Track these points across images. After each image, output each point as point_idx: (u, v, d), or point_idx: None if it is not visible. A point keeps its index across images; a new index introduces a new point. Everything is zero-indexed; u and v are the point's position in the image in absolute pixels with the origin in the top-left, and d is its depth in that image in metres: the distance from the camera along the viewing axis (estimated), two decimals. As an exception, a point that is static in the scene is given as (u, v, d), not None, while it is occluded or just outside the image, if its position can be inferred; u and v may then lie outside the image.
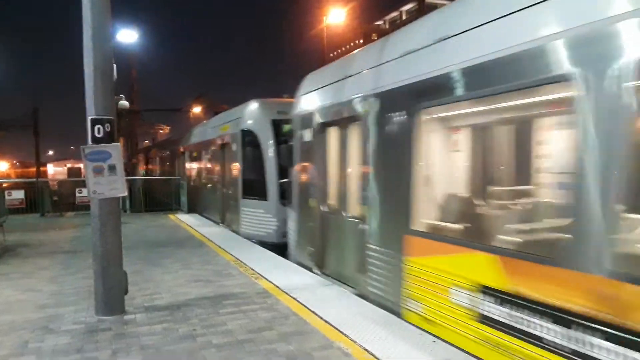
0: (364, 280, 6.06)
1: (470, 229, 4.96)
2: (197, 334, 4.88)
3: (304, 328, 5.03)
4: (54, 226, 13.48)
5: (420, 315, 4.96)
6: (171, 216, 15.83)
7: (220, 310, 5.64)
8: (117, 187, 5.28)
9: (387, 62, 5.82)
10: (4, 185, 18.31)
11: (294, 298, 6.07)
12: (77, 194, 16.04)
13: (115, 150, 5.33)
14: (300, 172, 8.22)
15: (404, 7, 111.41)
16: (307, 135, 7.93)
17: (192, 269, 7.90)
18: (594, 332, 3.12)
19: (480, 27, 4.31)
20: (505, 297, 3.84)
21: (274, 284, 6.79)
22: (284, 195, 9.72)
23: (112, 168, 5.25)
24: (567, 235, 3.46)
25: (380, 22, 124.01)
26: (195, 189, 16.70)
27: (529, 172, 5.12)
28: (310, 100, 7.97)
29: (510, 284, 3.79)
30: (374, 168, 5.90)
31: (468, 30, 4.48)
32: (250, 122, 11.48)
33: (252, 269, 7.72)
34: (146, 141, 46.67)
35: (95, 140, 5.31)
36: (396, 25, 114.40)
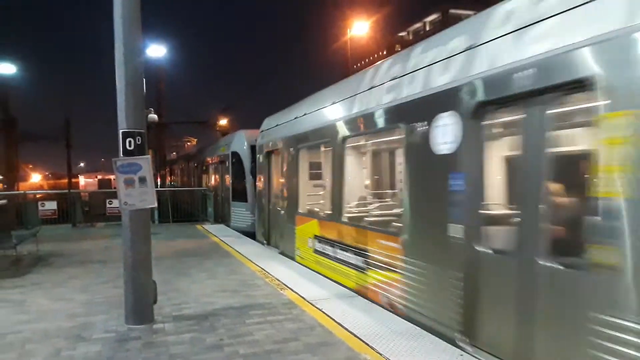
0: (282, 244, 10.38)
1: (312, 210, 9.31)
2: (224, 344, 4.94)
3: (329, 339, 5.03)
4: (85, 236, 13.80)
5: (300, 257, 9.18)
6: (198, 227, 16.04)
7: (246, 321, 5.69)
8: (147, 198, 5.41)
9: (289, 120, 10.31)
10: (38, 196, 18.87)
11: (319, 309, 6.07)
12: (108, 205, 16.40)
13: (146, 163, 5.46)
14: (258, 182, 12.70)
15: (428, 18, 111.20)
16: (262, 158, 12.11)
17: (218, 278, 7.99)
18: (343, 247, 7.31)
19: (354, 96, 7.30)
20: (321, 238, 8.20)
21: (299, 294, 6.81)
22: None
23: (142, 180, 5.39)
24: (330, 209, 7.91)
25: (403, 34, 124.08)
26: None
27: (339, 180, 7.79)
28: (264, 135, 12.17)
29: (321, 232, 8.22)
30: (285, 179, 10.23)
31: (346, 98, 7.57)
32: (236, 146, 15.61)
33: (278, 280, 7.76)
34: (174, 153, 47.51)
35: (127, 152, 5.45)
36: (419, 36, 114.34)
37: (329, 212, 8.03)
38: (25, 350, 4.85)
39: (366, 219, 7.59)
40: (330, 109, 8.12)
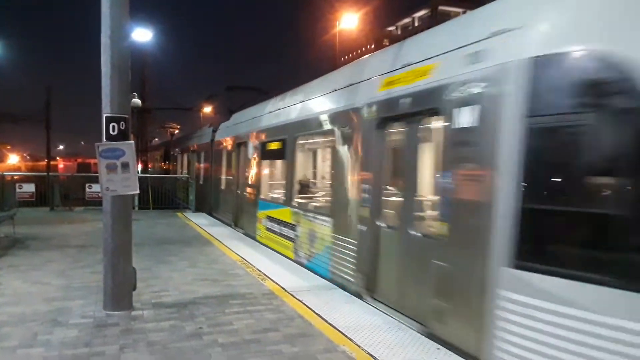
0: (248, 226, 11.68)
1: (268, 197, 10.85)
2: (204, 332, 4.94)
3: (309, 330, 5.07)
4: (64, 220, 13.60)
5: (260, 236, 10.56)
6: (179, 214, 15.93)
7: (226, 310, 5.69)
8: (130, 184, 5.35)
9: (244, 121, 12.82)
10: (15, 177, 18.51)
11: (299, 300, 6.11)
12: (87, 189, 16.17)
13: (129, 148, 5.40)
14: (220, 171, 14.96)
15: (417, 14, 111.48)
16: (232, 148, 13.71)
17: (198, 267, 7.97)
18: (286, 225, 9.05)
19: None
20: (271, 217, 9.89)
21: (280, 285, 6.84)
22: None
23: (125, 166, 5.33)
24: (284, 196, 9.43)
25: (392, 28, 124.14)
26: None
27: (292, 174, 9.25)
28: (220, 134, 15.42)
29: (271, 214, 9.94)
30: (245, 169, 12.23)
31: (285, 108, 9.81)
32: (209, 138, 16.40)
33: (259, 270, 7.77)
34: (156, 139, 46.87)
35: (110, 137, 5.38)
36: (408, 31, 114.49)
37: (278, 197, 10.13)
38: (1, 333, 4.79)
39: (305, 202, 9.10)
40: (282, 112, 9.94)
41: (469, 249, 4.23)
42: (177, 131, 37.95)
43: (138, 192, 5.53)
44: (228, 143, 14.00)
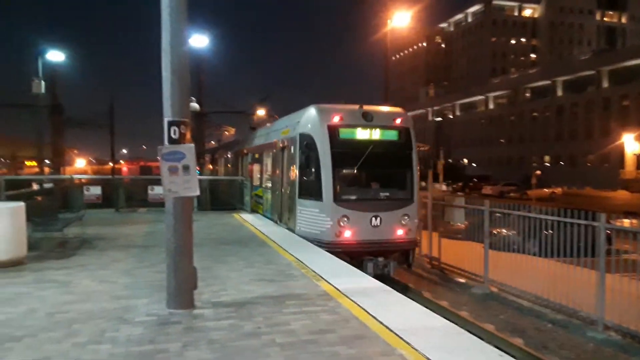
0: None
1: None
2: (262, 332, 5.01)
3: (365, 332, 5.04)
4: (128, 221, 14.24)
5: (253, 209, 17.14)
6: (235, 215, 16.30)
7: (283, 310, 5.75)
8: (190, 186, 5.52)
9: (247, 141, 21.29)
10: (83, 181, 19.55)
11: (354, 302, 6.08)
12: (149, 191, 16.82)
13: (189, 151, 5.56)
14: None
15: (470, 9, 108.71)
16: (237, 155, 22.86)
17: (255, 267, 8.11)
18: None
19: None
20: (256, 194, 17.33)
21: (334, 286, 6.83)
22: None
23: (186, 168, 5.50)
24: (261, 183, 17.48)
25: (444, 25, 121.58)
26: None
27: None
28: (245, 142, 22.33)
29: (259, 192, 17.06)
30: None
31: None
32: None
33: (314, 271, 7.81)
34: (212, 142, 48.28)
35: (171, 141, 5.56)
36: (461, 27, 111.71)
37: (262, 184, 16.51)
38: (71, 329, 5.05)
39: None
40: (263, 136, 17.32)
41: (294, 194, 11.69)
42: (232, 133, 38.84)
43: (198, 193, 5.69)
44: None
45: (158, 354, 4.45)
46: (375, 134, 11.12)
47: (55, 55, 24.21)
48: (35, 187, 20.86)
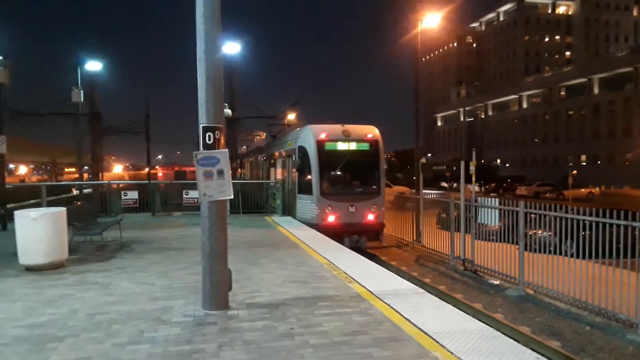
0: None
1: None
2: (295, 333, 5.07)
3: (398, 335, 5.04)
4: (164, 225, 14.56)
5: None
6: (267, 218, 16.47)
7: (315, 312, 5.81)
8: (225, 190, 5.64)
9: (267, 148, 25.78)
10: (121, 186, 20.11)
11: (387, 304, 6.08)
12: (184, 196, 17.18)
13: (224, 156, 5.69)
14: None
15: (502, 8, 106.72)
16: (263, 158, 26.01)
17: (287, 269, 8.19)
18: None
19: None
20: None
21: (367, 288, 6.85)
22: None
23: (220, 172, 5.62)
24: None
25: (475, 24, 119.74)
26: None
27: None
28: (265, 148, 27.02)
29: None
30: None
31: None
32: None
33: (345, 272, 7.84)
34: (244, 147, 48.90)
35: (206, 146, 5.70)
36: (492, 27, 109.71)
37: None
38: (111, 330, 5.22)
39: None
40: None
41: (294, 191, 15.86)
42: (263, 138, 39.35)
43: (232, 197, 5.81)
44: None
45: (195, 353, 4.56)
46: (352, 146, 15.18)
47: (93, 65, 24.99)
48: (75, 192, 21.61)
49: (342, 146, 15.11)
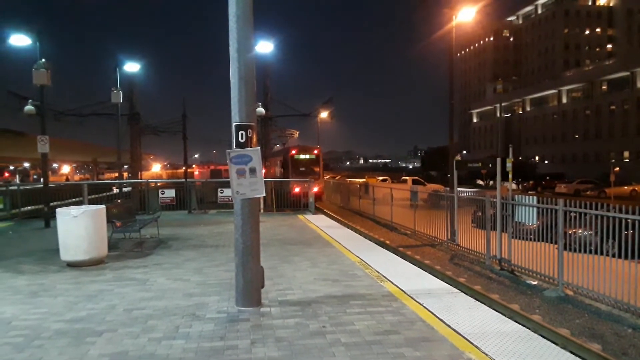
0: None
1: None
2: (327, 331, 5.08)
3: (431, 335, 4.97)
4: (199, 222, 14.83)
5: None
6: (300, 216, 16.54)
7: (347, 310, 5.80)
8: (257, 188, 5.69)
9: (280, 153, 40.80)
10: (158, 184, 20.58)
11: (420, 303, 6.02)
12: (219, 194, 17.44)
13: (256, 154, 5.74)
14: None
15: (540, 1, 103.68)
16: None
17: (319, 267, 8.21)
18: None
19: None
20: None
21: (399, 287, 6.79)
22: None
23: (253, 170, 5.68)
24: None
25: (512, 18, 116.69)
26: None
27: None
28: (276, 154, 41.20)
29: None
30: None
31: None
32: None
33: (377, 271, 7.79)
34: (277, 145, 49.24)
35: (239, 144, 5.76)
36: (530, 20, 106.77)
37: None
38: (148, 325, 5.35)
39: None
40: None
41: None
42: (296, 137, 39.90)
43: (264, 195, 5.85)
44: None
45: (228, 350, 4.63)
46: (305, 156, 33.72)
47: (131, 67, 25.65)
48: (115, 190, 22.26)
49: (302, 156, 33.76)
